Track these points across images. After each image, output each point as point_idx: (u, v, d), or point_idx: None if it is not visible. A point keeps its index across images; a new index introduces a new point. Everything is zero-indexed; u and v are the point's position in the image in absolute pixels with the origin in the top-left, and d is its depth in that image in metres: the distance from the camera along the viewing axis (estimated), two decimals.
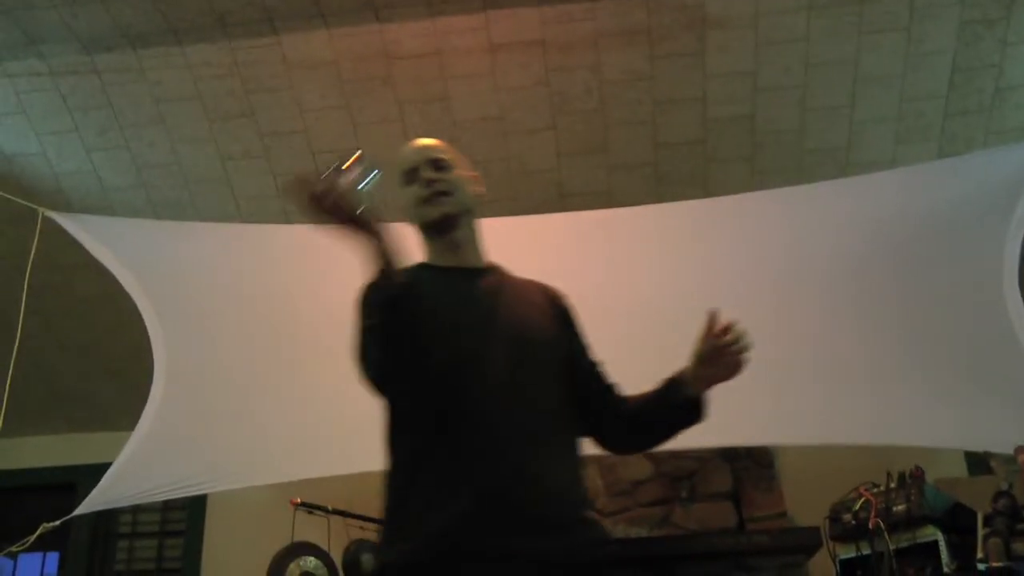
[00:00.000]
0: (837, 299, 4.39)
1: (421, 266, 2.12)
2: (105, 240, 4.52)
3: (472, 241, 2.20)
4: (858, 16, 4.58)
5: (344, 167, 1.80)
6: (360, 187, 1.80)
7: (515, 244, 4.46)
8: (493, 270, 2.21)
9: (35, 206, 4.26)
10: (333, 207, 1.76)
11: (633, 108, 4.81)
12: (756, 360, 4.42)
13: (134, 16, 4.50)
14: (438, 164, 2.18)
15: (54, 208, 4.59)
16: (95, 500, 4.38)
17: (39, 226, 4.23)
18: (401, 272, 1.82)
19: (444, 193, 2.14)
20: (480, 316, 2.03)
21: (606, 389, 2.20)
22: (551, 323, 2.15)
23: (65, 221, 4.48)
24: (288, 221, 4.86)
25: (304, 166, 4.95)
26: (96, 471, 4.44)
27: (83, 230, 4.50)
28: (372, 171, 1.85)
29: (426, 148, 2.23)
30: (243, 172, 5.03)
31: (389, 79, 4.72)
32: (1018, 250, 4.38)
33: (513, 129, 4.83)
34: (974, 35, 4.65)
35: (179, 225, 4.72)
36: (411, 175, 2.18)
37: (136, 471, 4.42)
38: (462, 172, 2.23)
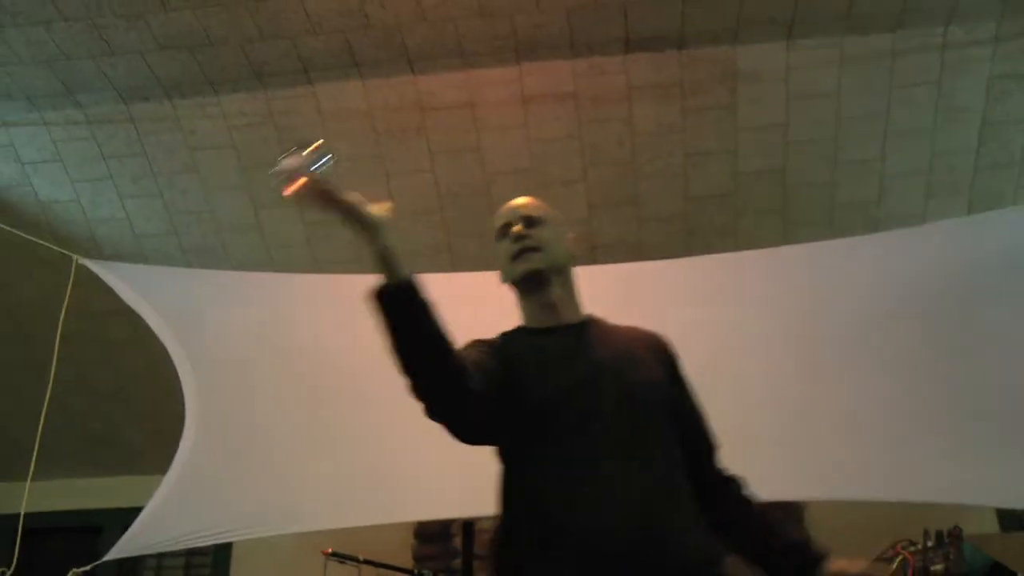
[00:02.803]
0: (867, 354, 4.36)
1: (519, 330, 2.11)
2: (138, 287, 4.54)
3: (568, 298, 2.14)
4: (889, 71, 4.61)
5: (305, 152, 1.77)
6: (313, 169, 1.74)
7: None
8: (592, 323, 2.15)
9: (69, 253, 4.29)
10: (316, 191, 1.71)
11: (665, 160, 4.83)
12: (785, 413, 4.36)
13: (171, 68, 4.57)
14: (530, 221, 2.14)
15: (86, 255, 4.62)
16: (127, 545, 4.34)
17: (73, 273, 4.25)
18: (400, 270, 1.73)
19: (533, 249, 2.09)
20: (584, 373, 1.96)
21: (705, 452, 2.12)
22: (657, 371, 2.06)
23: (99, 268, 4.51)
24: (319, 270, 4.89)
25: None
26: (122, 515, 4.45)
27: (117, 277, 4.53)
28: (326, 155, 1.79)
29: (519, 206, 2.20)
30: (275, 220, 5.06)
31: (422, 129, 4.76)
32: None
33: (544, 181, 4.84)
34: (1003, 90, 4.67)
35: (211, 273, 4.74)
36: (503, 231, 2.16)
37: (166, 517, 4.42)
38: (557, 229, 2.19)
